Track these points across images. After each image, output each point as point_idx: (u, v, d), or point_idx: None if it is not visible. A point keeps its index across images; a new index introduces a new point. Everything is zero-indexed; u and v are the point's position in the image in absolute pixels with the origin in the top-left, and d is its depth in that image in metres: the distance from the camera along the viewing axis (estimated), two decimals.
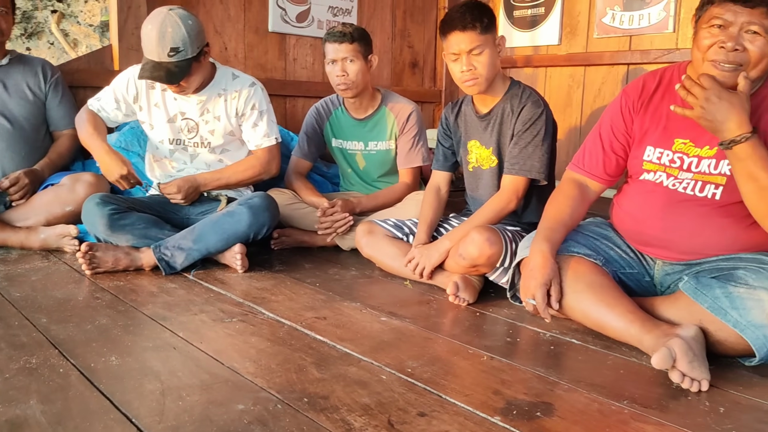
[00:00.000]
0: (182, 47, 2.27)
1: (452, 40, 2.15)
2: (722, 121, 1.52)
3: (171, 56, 2.26)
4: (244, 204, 2.40)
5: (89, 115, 2.52)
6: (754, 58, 1.56)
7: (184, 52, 2.28)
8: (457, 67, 2.18)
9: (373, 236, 2.41)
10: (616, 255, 1.88)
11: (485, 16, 2.15)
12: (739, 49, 1.56)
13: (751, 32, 1.54)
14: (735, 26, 1.55)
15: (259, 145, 2.58)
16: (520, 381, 1.48)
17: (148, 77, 2.28)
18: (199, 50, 2.33)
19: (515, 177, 2.21)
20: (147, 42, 2.28)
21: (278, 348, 1.63)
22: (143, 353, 1.58)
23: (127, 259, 2.31)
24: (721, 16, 1.56)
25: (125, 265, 2.30)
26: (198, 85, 2.44)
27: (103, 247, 2.30)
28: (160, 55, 2.26)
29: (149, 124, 2.56)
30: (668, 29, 3.72)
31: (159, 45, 2.25)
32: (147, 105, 2.52)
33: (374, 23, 4.40)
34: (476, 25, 2.11)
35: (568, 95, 4.27)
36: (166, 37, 2.24)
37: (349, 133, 2.91)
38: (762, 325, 1.49)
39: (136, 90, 2.51)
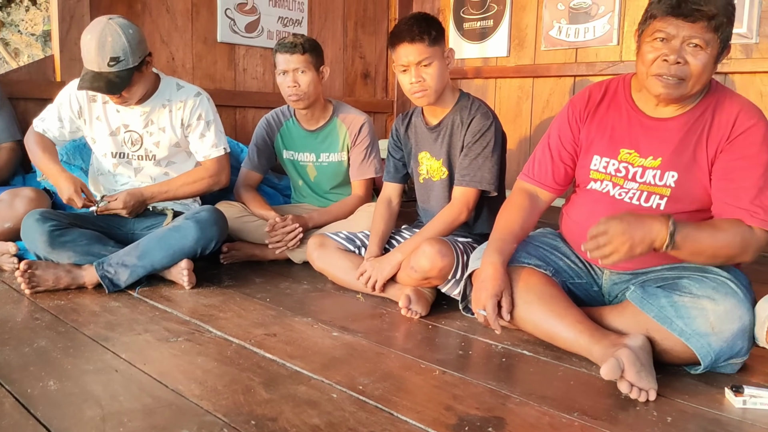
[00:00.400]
0: (123, 57, 2.21)
1: (401, 51, 2.15)
2: (644, 239, 1.50)
3: (111, 66, 2.19)
4: (191, 218, 2.34)
5: (36, 137, 2.45)
6: (696, 71, 1.60)
7: (124, 61, 2.21)
8: (406, 79, 2.18)
9: (324, 249, 2.38)
10: (565, 265, 1.90)
11: (433, 28, 2.16)
12: (681, 63, 1.59)
13: (692, 45, 1.58)
14: (677, 39, 1.58)
15: (208, 156, 2.52)
16: (472, 395, 1.47)
17: (87, 88, 2.21)
18: (140, 60, 2.27)
19: (466, 188, 2.22)
20: (86, 52, 2.21)
21: (225, 368, 1.59)
22: (83, 377, 1.52)
23: (69, 277, 2.22)
24: (664, 29, 1.59)
25: (66, 284, 2.22)
26: (141, 96, 2.37)
27: (43, 265, 2.21)
28: (100, 65, 2.19)
29: (91, 138, 2.49)
30: (612, 42, 3.81)
31: (99, 55, 2.18)
32: (89, 118, 2.45)
33: (325, 34, 4.39)
34: (424, 37, 2.12)
35: (517, 106, 4.33)
36: (106, 47, 2.18)
37: (300, 144, 2.88)
38: (706, 333, 1.52)
39: (79, 104, 2.43)
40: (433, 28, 2.15)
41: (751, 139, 1.63)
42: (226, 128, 3.82)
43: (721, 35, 1.57)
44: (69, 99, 2.43)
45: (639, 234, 1.49)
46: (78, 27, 3.10)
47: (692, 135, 1.69)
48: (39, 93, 3.14)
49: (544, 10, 4.11)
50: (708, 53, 1.58)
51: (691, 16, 1.55)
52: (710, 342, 1.52)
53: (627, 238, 1.48)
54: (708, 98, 1.70)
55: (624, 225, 1.48)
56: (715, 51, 1.59)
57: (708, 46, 1.57)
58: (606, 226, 1.49)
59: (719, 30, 1.56)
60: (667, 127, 1.73)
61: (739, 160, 1.63)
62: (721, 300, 1.54)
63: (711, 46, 1.57)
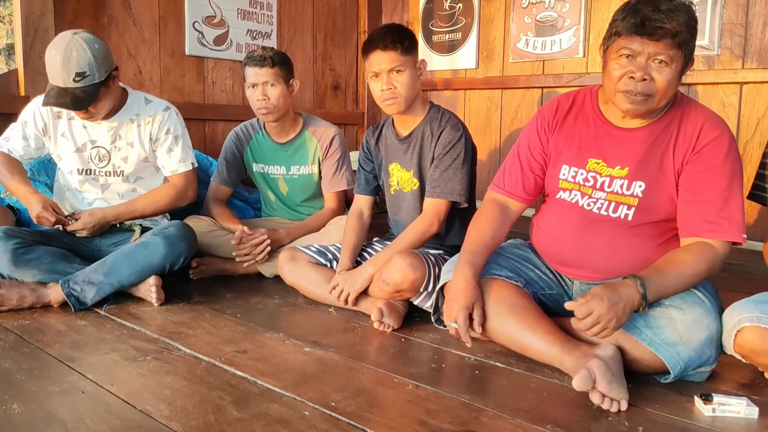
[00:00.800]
0: (88, 72, 2.17)
1: (373, 59, 2.17)
2: (625, 309, 1.52)
3: (77, 81, 2.16)
4: (159, 234, 2.30)
5: (2, 158, 2.39)
6: (662, 87, 1.62)
7: (90, 76, 2.18)
8: (377, 86, 2.19)
9: (296, 263, 2.37)
10: (536, 276, 1.91)
11: (406, 38, 2.18)
12: (647, 79, 1.61)
13: (657, 62, 1.60)
14: (642, 56, 1.61)
15: (175, 171, 2.49)
16: (446, 410, 1.46)
17: (53, 104, 2.17)
18: (107, 74, 2.23)
19: (437, 200, 2.22)
20: (51, 67, 2.17)
21: (195, 387, 1.56)
22: (48, 399, 1.48)
23: (33, 295, 2.17)
24: (629, 47, 1.62)
25: (31, 302, 2.17)
26: (108, 111, 2.33)
27: (7, 283, 2.16)
28: (66, 81, 2.16)
29: (57, 155, 2.44)
30: (578, 54, 3.86)
31: (64, 70, 2.14)
32: (54, 135, 2.40)
33: (295, 47, 4.38)
34: (397, 45, 2.14)
35: (486, 117, 4.37)
36: (71, 62, 2.14)
37: (270, 157, 2.86)
38: (675, 342, 1.54)
39: (44, 121, 2.38)
40: (406, 38, 2.17)
41: (716, 150, 1.66)
42: (195, 141, 3.79)
43: (685, 50, 1.60)
44: (33, 116, 2.38)
45: (620, 306, 1.52)
46: (42, 41, 3.05)
47: (659, 145, 1.72)
48: (2, 108, 3.08)
49: (511, 23, 4.16)
50: (673, 69, 1.61)
51: (655, 34, 1.57)
52: (679, 351, 1.54)
53: (612, 314, 1.51)
54: (674, 109, 1.73)
55: (606, 304, 1.51)
56: (679, 66, 1.62)
57: (673, 61, 1.60)
58: (589, 308, 1.51)
59: (683, 46, 1.59)
60: (633, 137, 1.75)
61: (704, 172, 1.66)
62: (688, 309, 1.56)
63: (675, 61, 1.60)
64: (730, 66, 3.32)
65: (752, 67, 3.25)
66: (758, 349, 1.51)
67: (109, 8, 3.45)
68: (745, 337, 1.51)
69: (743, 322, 1.51)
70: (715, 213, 1.63)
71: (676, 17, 1.56)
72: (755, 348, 1.51)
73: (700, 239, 1.64)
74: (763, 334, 1.49)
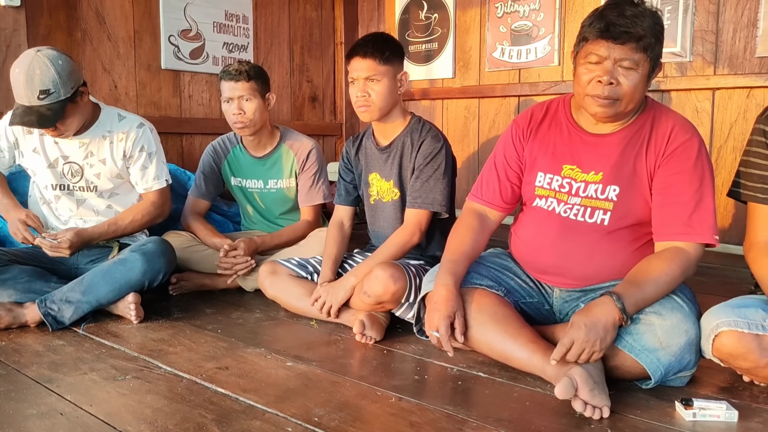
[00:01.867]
0: (53, 89, 2.14)
1: (353, 65, 2.20)
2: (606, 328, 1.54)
3: (41, 99, 2.12)
4: (138, 251, 2.28)
5: None
6: (628, 91, 1.65)
7: (55, 93, 2.14)
8: (354, 91, 2.22)
9: (276, 276, 2.35)
10: (516, 285, 1.92)
11: (389, 48, 2.19)
12: (614, 83, 1.64)
13: (623, 66, 1.63)
14: (609, 61, 1.64)
15: (149, 189, 2.47)
16: (429, 422, 1.46)
17: (18, 123, 2.14)
18: (73, 91, 2.20)
19: (418, 210, 2.22)
20: (16, 86, 2.14)
21: (176, 405, 1.54)
22: (26, 422, 1.45)
23: (9, 316, 2.13)
24: (596, 52, 1.65)
25: (7, 323, 2.13)
26: (78, 127, 2.30)
27: None
28: (30, 99, 2.12)
29: (31, 171, 2.41)
30: (554, 62, 3.90)
31: (27, 88, 2.11)
32: (25, 151, 2.37)
33: (272, 59, 4.38)
34: (376, 54, 2.16)
35: (464, 126, 4.39)
36: (34, 80, 2.11)
37: (248, 171, 2.85)
38: (654, 348, 1.55)
39: (15, 136, 2.35)
40: (388, 48, 2.19)
41: (687, 154, 1.69)
42: (173, 155, 3.77)
43: (651, 54, 1.64)
44: (4, 131, 2.36)
45: (599, 328, 1.54)
46: (15, 57, 2.95)
47: (632, 149, 1.74)
48: None
49: (486, 32, 4.20)
50: (639, 72, 1.64)
51: (620, 38, 1.61)
52: (659, 357, 1.56)
53: (593, 337, 1.53)
54: (645, 114, 1.76)
55: (584, 330, 1.53)
56: (645, 70, 1.65)
57: (638, 66, 1.63)
58: (570, 339, 1.54)
59: (648, 50, 1.62)
60: (606, 142, 1.78)
61: (675, 175, 1.69)
62: (667, 315, 1.58)
63: (641, 65, 1.63)
64: (702, 72, 3.37)
65: (724, 73, 3.31)
66: (736, 353, 1.53)
67: (82, 23, 3.42)
68: (723, 341, 1.53)
69: (721, 326, 1.53)
70: (688, 216, 1.66)
71: (640, 22, 1.60)
72: (733, 352, 1.53)
73: (673, 243, 1.67)
74: (740, 338, 1.51)
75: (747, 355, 1.52)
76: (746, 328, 1.51)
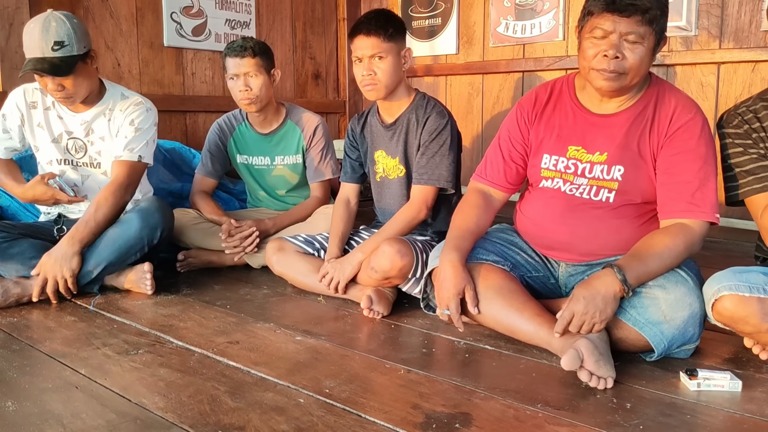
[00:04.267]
0: (67, 42, 2.15)
1: (357, 43, 2.19)
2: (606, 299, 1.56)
3: (55, 50, 2.13)
4: (132, 210, 2.32)
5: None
6: (634, 64, 1.65)
7: (69, 47, 2.15)
8: (359, 70, 2.21)
9: (283, 253, 2.37)
10: (522, 260, 1.93)
11: (392, 25, 2.18)
12: (620, 57, 1.64)
13: (629, 41, 1.63)
14: (615, 35, 1.64)
15: (119, 157, 2.35)
16: (438, 393, 1.49)
17: (30, 69, 2.13)
18: (85, 50, 2.22)
19: (424, 187, 2.24)
20: (29, 39, 2.15)
21: (189, 378, 1.57)
22: (42, 395, 1.48)
23: (18, 288, 2.16)
24: (601, 26, 1.65)
25: (17, 296, 2.16)
26: (85, 95, 2.31)
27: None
28: (44, 50, 2.13)
29: (35, 146, 2.42)
30: (558, 37, 3.88)
31: (42, 39, 2.12)
32: (30, 126, 2.38)
33: (274, 35, 4.36)
34: (380, 32, 2.15)
35: (468, 102, 4.38)
36: (50, 31, 2.13)
37: (254, 148, 2.85)
38: (658, 321, 1.58)
39: (21, 112, 2.36)
40: (391, 25, 2.18)
41: (689, 133, 1.70)
42: (176, 134, 3.77)
43: (656, 27, 1.63)
44: (11, 109, 2.37)
45: (598, 300, 1.56)
46: (18, 35, 3.00)
47: (635, 129, 1.75)
48: None
49: (490, 7, 4.17)
50: (645, 46, 1.64)
51: (625, 11, 1.60)
52: (662, 330, 1.58)
53: (592, 309, 1.55)
54: (649, 92, 1.77)
55: (582, 302, 1.56)
56: (651, 43, 1.65)
57: (644, 39, 1.63)
58: (569, 312, 1.57)
59: (653, 23, 1.62)
60: (611, 122, 1.78)
61: (679, 154, 1.70)
62: (671, 288, 1.60)
63: (647, 39, 1.63)
64: (708, 46, 3.36)
65: (729, 47, 3.29)
66: (736, 316, 1.55)
67: (85, 1, 3.40)
68: (724, 305, 1.55)
69: (722, 291, 1.55)
70: (691, 194, 1.67)
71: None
72: (733, 316, 1.55)
73: (677, 220, 1.68)
74: (741, 301, 1.53)
75: (748, 318, 1.54)
76: (747, 292, 1.53)
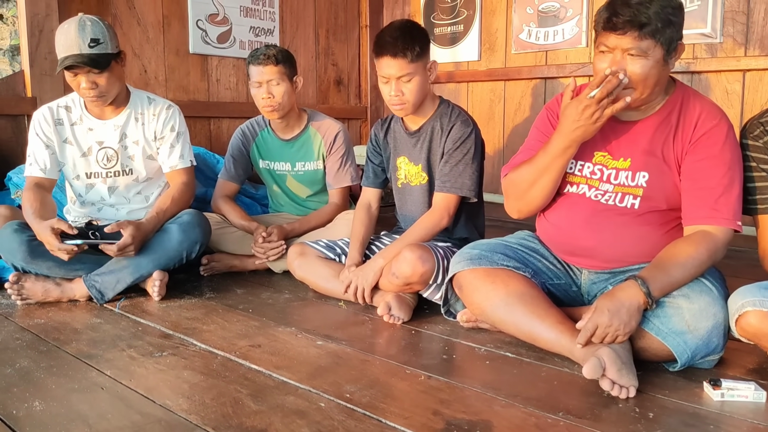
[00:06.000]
0: (102, 39, 2.22)
1: (383, 63, 2.17)
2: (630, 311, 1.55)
3: (92, 47, 2.19)
4: (174, 222, 2.35)
5: (27, 194, 2.30)
6: (638, 78, 1.63)
7: (104, 45, 2.22)
8: (387, 90, 2.20)
9: (305, 258, 2.39)
10: (543, 267, 1.93)
11: (418, 43, 2.16)
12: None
13: (632, 55, 1.62)
14: (618, 51, 1.64)
15: (174, 167, 2.50)
16: (459, 399, 1.49)
17: (70, 63, 2.18)
18: (117, 51, 2.29)
19: (447, 194, 2.24)
20: (66, 38, 2.20)
21: (212, 381, 1.59)
22: (69, 396, 1.51)
23: (58, 290, 2.23)
24: (604, 42, 1.65)
25: (56, 297, 2.23)
26: (116, 95, 2.36)
27: (33, 277, 2.23)
28: (81, 47, 2.18)
29: (62, 162, 2.45)
30: (581, 44, 3.87)
31: (79, 36, 2.18)
32: (58, 142, 2.41)
33: (297, 42, 4.39)
34: (407, 54, 2.13)
35: (490, 109, 4.37)
36: (86, 29, 2.19)
37: (276, 153, 2.88)
38: (682, 331, 1.56)
39: (49, 128, 2.38)
40: (417, 43, 2.16)
41: (714, 139, 1.68)
42: (201, 139, 3.82)
43: (661, 38, 1.61)
44: (39, 125, 2.39)
45: (622, 312, 1.55)
46: (47, 41, 3.07)
47: (660, 135, 1.74)
48: (9, 109, 3.10)
49: (513, 14, 4.17)
50: (650, 59, 1.62)
51: (621, 28, 1.60)
52: (686, 340, 1.57)
53: (616, 322, 1.55)
54: (674, 98, 1.75)
55: (607, 314, 1.55)
56: (658, 55, 1.63)
57: (647, 52, 1.61)
58: (593, 323, 1.56)
59: (656, 35, 1.60)
60: (636, 129, 1.78)
61: (703, 160, 1.69)
62: (696, 298, 1.59)
63: (651, 51, 1.61)
64: (733, 54, 3.33)
65: (755, 55, 3.26)
66: (760, 333, 1.53)
67: (113, 8, 3.47)
68: (748, 320, 1.54)
69: (746, 306, 1.54)
70: (714, 200, 1.66)
71: (645, 10, 1.58)
72: (757, 332, 1.54)
73: (700, 227, 1.67)
74: (765, 317, 1.51)
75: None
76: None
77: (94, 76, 2.24)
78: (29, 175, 2.37)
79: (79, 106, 2.42)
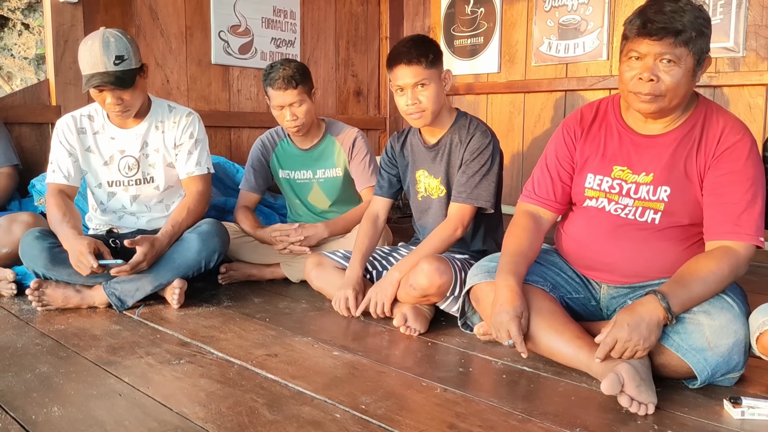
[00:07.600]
0: (126, 56, 2.24)
1: (398, 73, 2.18)
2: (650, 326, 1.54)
3: (117, 64, 2.21)
4: (193, 231, 2.37)
5: (53, 199, 2.34)
6: (671, 86, 1.63)
7: (128, 61, 2.25)
8: (403, 100, 2.20)
9: (322, 268, 2.40)
10: (562, 280, 1.92)
11: (431, 51, 2.18)
12: (655, 80, 1.62)
13: (665, 62, 1.62)
14: (650, 57, 1.62)
15: (191, 173, 2.51)
16: (475, 413, 1.48)
17: (97, 83, 2.20)
18: (140, 64, 2.32)
19: (462, 205, 2.23)
20: (90, 55, 2.22)
21: (228, 390, 1.60)
22: (87, 402, 1.52)
23: (78, 297, 2.26)
24: (636, 49, 1.64)
25: (76, 304, 2.26)
26: (139, 107, 2.39)
27: (53, 284, 2.25)
28: (106, 64, 2.21)
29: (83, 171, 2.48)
30: (602, 57, 3.86)
31: (104, 54, 2.20)
32: (81, 151, 2.44)
33: (317, 54, 4.43)
34: (421, 59, 2.14)
35: (509, 121, 4.37)
36: (110, 47, 2.21)
37: (296, 163, 2.90)
38: (702, 348, 1.54)
39: (72, 135, 2.42)
40: (430, 51, 2.17)
41: (737, 154, 1.66)
42: (221, 148, 3.86)
43: (693, 48, 1.61)
44: (63, 133, 2.42)
45: (642, 327, 1.54)
46: (72, 51, 3.12)
47: (682, 150, 1.72)
48: (34, 117, 3.16)
49: (534, 26, 4.17)
50: (681, 67, 1.61)
51: (657, 34, 1.59)
52: (706, 357, 1.54)
53: (636, 337, 1.53)
54: (696, 112, 1.74)
55: (626, 329, 1.53)
56: (689, 64, 1.62)
57: (680, 60, 1.61)
58: (612, 338, 1.55)
59: (689, 44, 1.60)
60: (657, 143, 1.76)
61: (726, 175, 1.67)
62: (716, 315, 1.56)
63: (684, 60, 1.61)
64: (756, 68, 3.30)
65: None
66: None
67: (137, 19, 3.52)
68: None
69: (766, 324, 1.51)
70: (737, 215, 1.64)
71: (679, 17, 1.58)
72: None
73: (722, 242, 1.65)
74: None
75: None
76: None
77: (120, 92, 2.26)
78: (52, 181, 2.40)
79: (101, 115, 2.45)
